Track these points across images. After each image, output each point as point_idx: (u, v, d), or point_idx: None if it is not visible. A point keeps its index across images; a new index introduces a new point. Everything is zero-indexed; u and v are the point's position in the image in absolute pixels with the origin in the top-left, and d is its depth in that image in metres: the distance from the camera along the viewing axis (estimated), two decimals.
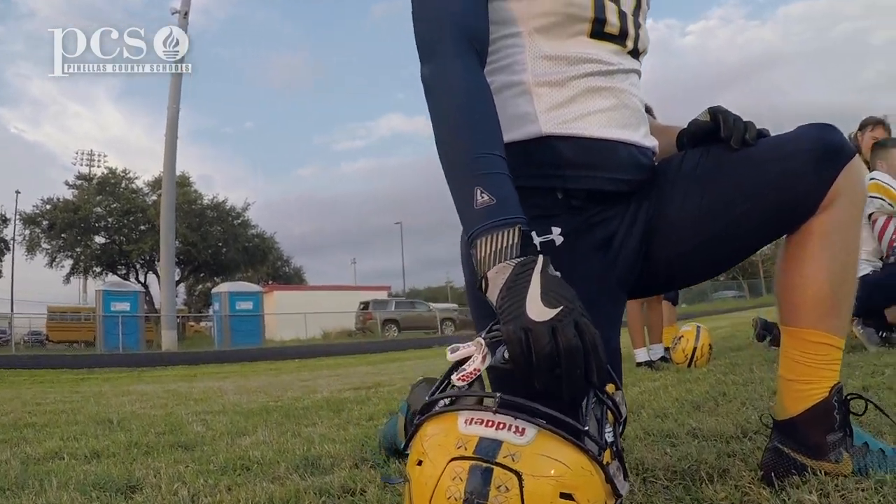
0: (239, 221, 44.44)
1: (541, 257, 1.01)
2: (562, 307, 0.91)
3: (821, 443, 1.33)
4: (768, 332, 6.36)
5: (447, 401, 0.96)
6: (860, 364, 3.38)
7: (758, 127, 1.39)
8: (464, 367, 0.95)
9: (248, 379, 7.57)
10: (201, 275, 45.41)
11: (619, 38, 1.43)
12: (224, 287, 29.73)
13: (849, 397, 1.38)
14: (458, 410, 0.92)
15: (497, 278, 1.01)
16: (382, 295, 46.48)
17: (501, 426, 0.87)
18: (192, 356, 15.48)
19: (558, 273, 1.02)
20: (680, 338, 4.62)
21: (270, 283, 50.55)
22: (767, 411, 1.95)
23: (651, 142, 1.48)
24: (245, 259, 44.73)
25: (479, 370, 0.94)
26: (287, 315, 32.18)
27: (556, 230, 1.32)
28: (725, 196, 1.33)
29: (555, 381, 0.90)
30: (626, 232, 1.38)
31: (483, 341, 0.97)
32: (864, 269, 4.20)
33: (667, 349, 4.89)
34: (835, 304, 1.34)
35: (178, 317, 29.92)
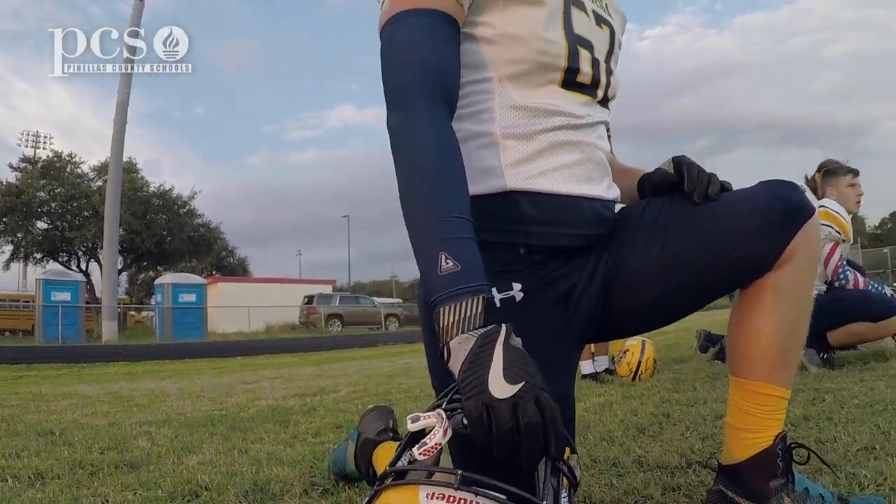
0: (185, 210, 43.85)
1: (503, 328, 1.02)
2: (523, 383, 0.92)
3: (764, 489, 1.38)
4: (711, 344, 6.50)
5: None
6: (801, 388, 3.48)
7: (721, 179, 1.42)
8: (425, 440, 0.95)
9: (191, 379, 7.48)
10: (144, 263, 44.73)
11: (591, 88, 1.44)
12: (167, 279, 29.35)
13: (792, 446, 1.43)
14: (420, 484, 0.93)
15: (459, 350, 1.02)
16: (327, 289, 46.28)
17: (462, 502, 0.88)
18: (133, 350, 15.24)
19: (520, 341, 1.03)
20: (625, 351, 4.72)
21: (215, 273, 50.04)
22: (711, 452, 2.01)
23: (614, 193, 1.50)
24: (190, 249, 44.14)
25: (440, 444, 0.95)
26: (231, 307, 31.92)
27: (517, 286, 1.33)
28: (686, 250, 1.36)
29: (514, 453, 0.92)
30: (585, 284, 1.41)
31: (444, 414, 0.97)
32: None
33: (612, 359, 4.96)
34: (785, 357, 1.40)
35: (119, 306, 29.49)
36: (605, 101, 1.50)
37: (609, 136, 1.57)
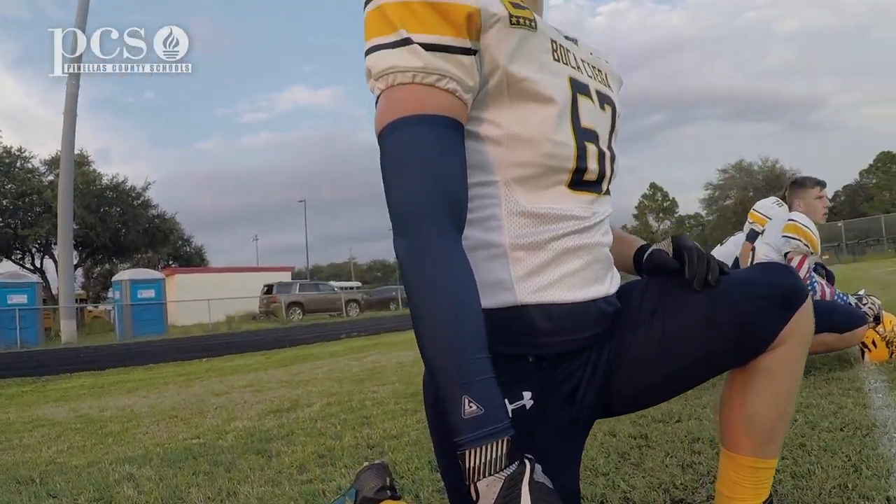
0: (139, 202, 43.36)
1: (527, 465, 1.07)
2: None
3: None
4: None
5: None
6: None
7: (719, 261, 1.47)
8: None
9: (160, 392, 7.41)
10: (99, 257, 44.20)
11: (597, 184, 1.44)
12: (125, 275, 29.03)
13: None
14: None
15: (488, 492, 1.05)
16: (286, 276, 46.16)
17: None
18: (94, 354, 15.09)
19: (543, 476, 1.09)
20: None
21: (171, 263, 49.64)
22: (693, 486, 2.06)
23: (616, 284, 1.53)
24: (146, 241, 43.74)
25: None
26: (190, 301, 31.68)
27: (528, 394, 1.34)
28: (686, 336, 1.40)
29: None
30: (589, 378, 1.43)
31: None
32: None
33: None
34: (774, 433, 1.47)
35: (76, 300, 29.16)
36: (608, 191, 1.51)
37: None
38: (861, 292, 4.85)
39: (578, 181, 1.38)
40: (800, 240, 4.37)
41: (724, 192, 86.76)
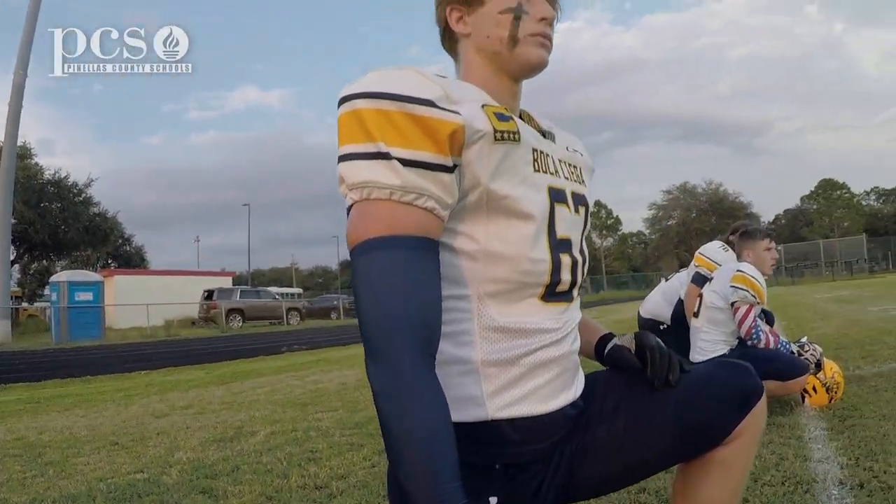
0: (80, 199, 42.60)
1: None
2: None
3: None
4: None
5: None
6: None
7: (679, 358, 1.56)
8: None
9: (98, 410, 7.26)
10: (37, 253, 43.30)
11: (568, 294, 1.47)
12: (63, 276, 28.42)
13: None
14: None
15: None
16: (227, 281, 45.72)
17: None
18: (30, 361, 14.77)
19: None
20: None
21: (110, 262, 48.83)
22: None
23: (581, 385, 1.58)
24: (85, 239, 42.96)
25: None
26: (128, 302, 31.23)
27: (494, 500, 1.38)
28: (645, 432, 1.48)
29: None
30: (552, 477, 1.48)
31: None
32: (722, 350, 4.58)
33: None
34: None
35: (11, 297, 28.54)
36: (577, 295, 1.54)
37: None
38: (803, 340, 5.01)
39: (551, 293, 1.41)
40: (747, 290, 4.51)
41: (667, 212, 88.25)
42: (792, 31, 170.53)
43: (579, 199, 1.54)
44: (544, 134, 1.53)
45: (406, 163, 1.19)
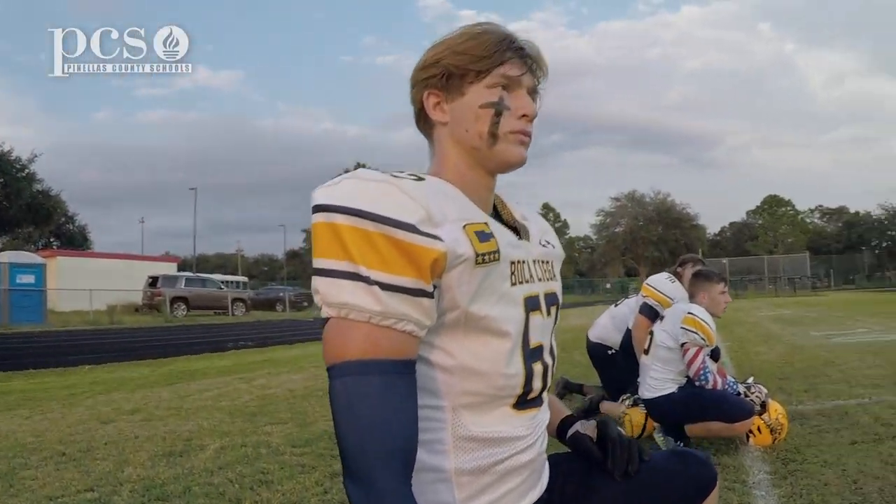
0: (24, 174, 41.71)
1: None
2: None
3: None
4: (567, 392, 6.78)
5: None
6: None
7: (639, 447, 1.62)
8: None
9: (43, 411, 7.17)
10: None
11: (539, 399, 1.50)
12: (4, 257, 27.86)
13: None
14: None
15: None
16: (172, 267, 45.25)
17: None
18: None
19: None
20: None
21: (53, 242, 47.99)
22: None
23: (547, 480, 1.61)
24: (28, 217, 42.07)
25: None
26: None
27: None
28: None
29: None
30: None
31: None
32: (670, 388, 4.68)
33: None
34: None
35: None
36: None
37: None
38: (749, 381, 5.17)
39: (524, 401, 1.43)
40: (697, 333, 4.62)
41: (615, 219, 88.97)
42: (744, 47, 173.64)
43: (551, 300, 1.56)
44: (518, 231, 1.54)
45: (387, 287, 1.18)
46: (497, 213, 1.56)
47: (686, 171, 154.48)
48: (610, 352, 6.76)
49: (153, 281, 35.45)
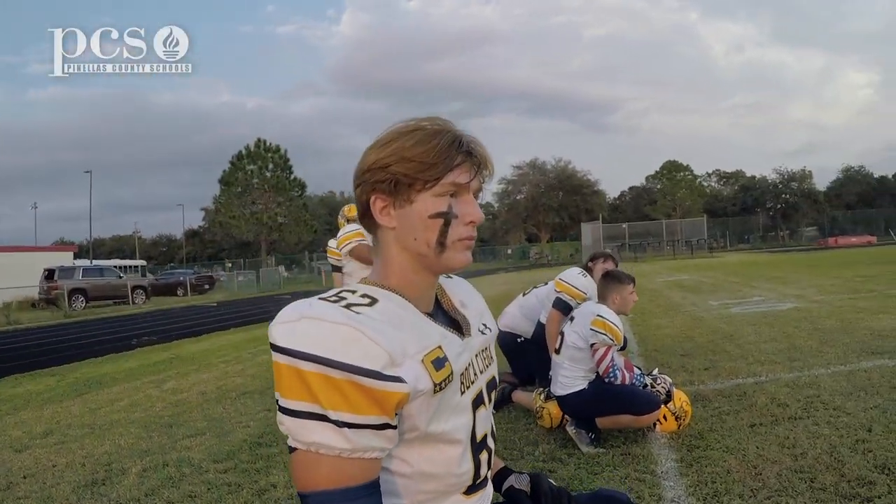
0: None
1: None
2: None
3: None
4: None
5: None
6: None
7: (569, 496, 1.75)
8: None
9: None
10: None
11: (485, 480, 1.59)
12: None
13: None
14: None
15: None
16: (68, 256, 43.92)
17: None
18: None
19: None
20: None
21: None
22: None
23: None
24: None
25: None
26: None
27: None
28: None
29: None
30: None
31: None
32: (581, 385, 4.90)
33: None
34: None
35: None
36: None
37: None
38: (654, 372, 5.41)
39: (472, 488, 1.53)
40: (606, 334, 4.85)
41: (516, 187, 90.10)
42: (648, 16, 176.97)
43: (491, 386, 1.65)
44: (461, 326, 1.60)
45: (354, 426, 1.25)
46: (438, 303, 1.64)
47: (588, 137, 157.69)
48: (519, 339, 7.00)
49: (49, 273, 34.40)
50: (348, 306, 1.33)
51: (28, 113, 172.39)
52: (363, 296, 1.40)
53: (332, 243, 8.21)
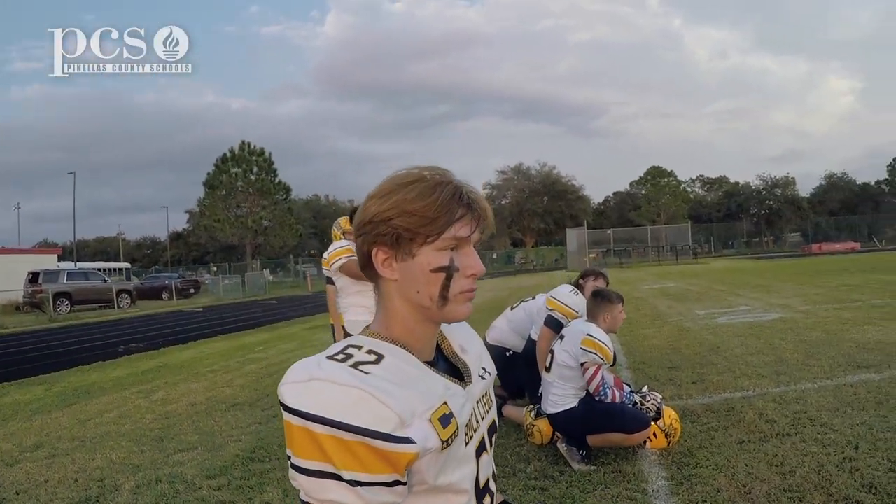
0: None
1: None
2: None
3: None
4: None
5: None
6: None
7: None
8: None
9: None
10: None
11: None
12: None
13: None
14: None
15: None
16: (52, 259, 43.68)
17: None
18: None
19: None
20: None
21: None
22: None
23: None
24: None
25: None
26: None
27: None
28: None
29: None
30: None
31: None
32: (572, 403, 4.95)
33: None
34: None
35: None
36: None
37: None
38: (644, 389, 5.48)
39: None
40: (596, 353, 4.91)
41: (501, 191, 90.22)
42: (632, 21, 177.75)
43: (492, 430, 1.65)
44: (461, 373, 1.61)
45: (366, 484, 1.27)
46: (439, 348, 1.65)
47: (572, 141, 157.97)
48: (508, 353, 6.98)
49: (34, 277, 34.23)
50: (356, 365, 1.35)
51: (11, 111, 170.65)
52: (369, 352, 1.42)
53: (326, 255, 8.22)
